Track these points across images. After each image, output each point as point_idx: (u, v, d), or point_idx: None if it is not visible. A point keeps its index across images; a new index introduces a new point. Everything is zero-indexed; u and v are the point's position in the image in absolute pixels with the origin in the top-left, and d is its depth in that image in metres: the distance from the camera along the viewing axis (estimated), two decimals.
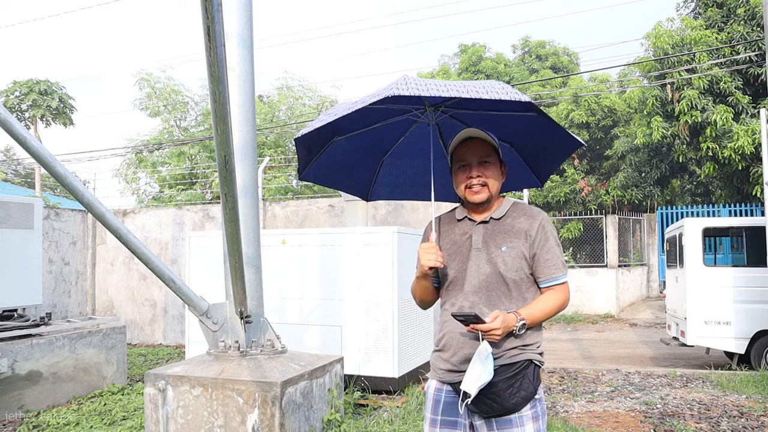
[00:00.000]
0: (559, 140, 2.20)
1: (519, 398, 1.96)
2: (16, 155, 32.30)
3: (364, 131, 2.33)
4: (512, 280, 2.03)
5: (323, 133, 2.18)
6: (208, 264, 6.18)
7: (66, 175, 3.25)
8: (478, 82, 1.93)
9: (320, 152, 2.37)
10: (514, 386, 1.96)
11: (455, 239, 2.15)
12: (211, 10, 2.10)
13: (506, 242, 2.06)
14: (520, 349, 2.00)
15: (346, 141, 2.36)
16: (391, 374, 5.50)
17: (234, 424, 3.62)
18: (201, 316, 3.93)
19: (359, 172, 2.56)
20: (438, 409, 2.10)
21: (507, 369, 1.97)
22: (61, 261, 9.92)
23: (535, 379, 2.01)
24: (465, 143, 2.11)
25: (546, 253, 2.05)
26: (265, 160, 10.95)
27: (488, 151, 2.11)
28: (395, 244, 5.58)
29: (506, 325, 1.91)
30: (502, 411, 1.95)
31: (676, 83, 13.90)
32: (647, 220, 16.57)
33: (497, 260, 2.04)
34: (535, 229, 2.06)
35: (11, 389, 5.20)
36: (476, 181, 2.09)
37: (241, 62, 4.13)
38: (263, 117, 18.46)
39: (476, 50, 23.08)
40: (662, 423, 4.74)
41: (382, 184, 2.60)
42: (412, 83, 1.87)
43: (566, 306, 2.09)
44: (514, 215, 2.11)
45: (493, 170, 2.11)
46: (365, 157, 2.50)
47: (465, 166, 2.12)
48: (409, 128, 2.40)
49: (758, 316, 7.14)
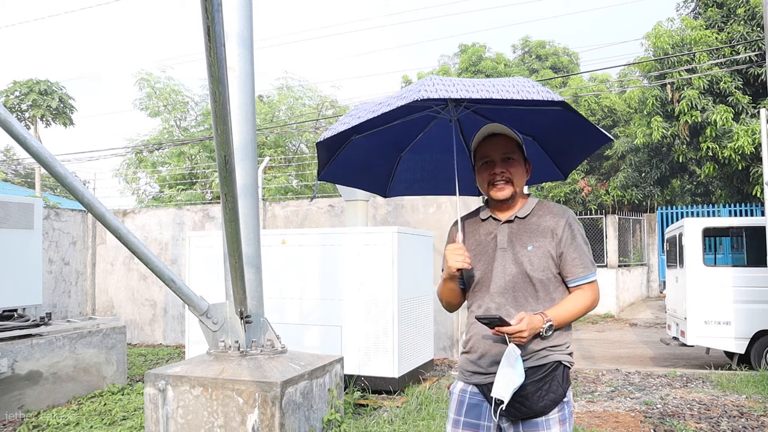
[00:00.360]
0: (586, 135, 2.14)
1: (548, 401, 1.91)
2: (16, 155, 32.32)
3: (383, 129, 2.29)
4: (539, 280, 1.99)
5: (343, 133, 2.15)
6: (208, 264, 6.18)
7: (66, 175, 3.25)
8: (506, 80, 1.88)
9: (338, 152, 2.34)
10: (543, 389, 1.92)
11: (480, 239, 2.11)
12: (211, 10, 2.10)
13: (532, 241, 2.01)
14: (548, 350, 1.96)
15: (364, 139, 2.33)
16: (391, 374, 5.50)
17: (234, 424, 3.62)
18: (201, 316, 3.93)
19: (377, 169, 2.52)
20: (462, 410, 2.06)
21: (535, 371, 1.92)
22: (61, 261, 9.92)
23: (565, 381, 1.96)
24: (488, 139, 2.07)
25: (573, 252, 2.00)
26: (265, 160, 10.96)
27: (512, 147, 2.06)
28: (395, 244, 5.58)
29: (532, 327, 1.88)
30: (530, 414, 1.91)
31: (676, 83, 13.90)
32: (647, 220, 16.58)
33: (523, 260, 2.00)
34: (562, 227, 2.01)
35: (11, 389, 5.20)
36: (500, 178, 2.04)
37: (241, 62, 4.13)
38: (263, 117, 18.47)
39: (476, 50, 23.09)
40: (662, 423, 4.74)
41: (400, 181, 2.57)
42: (439, 85, 1.83)
43: (596, 305, 2.04)
44: (539, 213, 2.06)
45: (517, 167, 2.07)
46: (383, 154, 2.47)
47: (488, 162, 2.07)
48: (429, 124, 2.36)
49: (758, 316, 7.14)
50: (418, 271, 6.14)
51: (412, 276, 5.96)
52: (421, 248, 6.28)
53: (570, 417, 1.99)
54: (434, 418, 4.68)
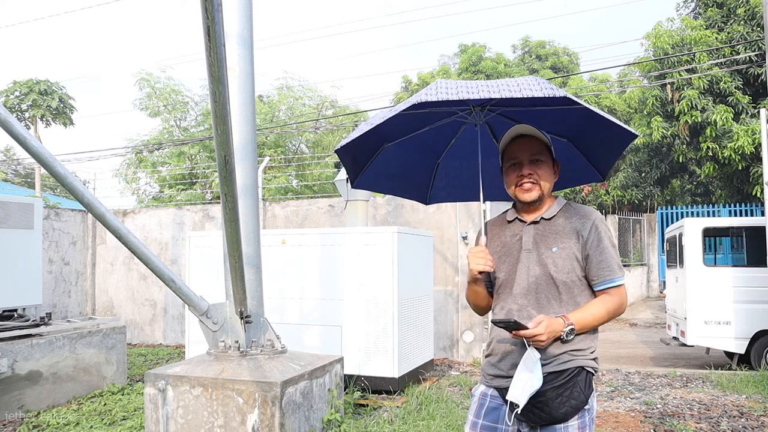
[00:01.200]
0: (611, 132, 2.10)
1: (569, 408, 1.86)
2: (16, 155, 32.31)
3: (414, 135, 2.29)
4: (563, 282, 1.95)
5: (368, 141, 2.14)
6: (208, 264, 6.18)
7: (66, 175, 3.25)
8: (512, 80, 1.87)
9: (371, 160, 2.34)
10: (564, 395, 1.86)
11: (505, 241, 2.09)
12: (211, 10, 2.10)
13: (557, 243, 1.98)
14: (570, 354, 1.90)
15: (396, 147, 2.33)
16: (391, 374, 5.50)
17: (234, 424, 3.62)
18: (201, 316, 3.93)
19: (415, 176, 2.52)
20: (481, 412, 2.04)
21: (556, 377, 1.87)
22: (61, 261, 9.92)
23: (587, 388, 1.90)
24: (516, 141, 2.05)
25: (600, 254, 1.95)
26: (265, 160, 10.95)
27: (540, 148, 2.04)
28: (395, 244, 5.58)
29: (551, 330, 1.83)
30: (550, 420, 1.87)
31: (676, 83, 13.90)
32: (647, 220, 16.58)
33: (547, 261, 1.96)
34: (588, 229, 1.97)
35: (11, 389, 5.20)
36: (527, 180, 2.01)
37: (241, 62, 4.13)
38: (263, 117, 18.47)
39: (476, 50, 23.07)
40: (662, 423, 4.74)
41: (439, 188, 2.56)
42: (442, 89, 1.83)
43: (623, 310, 1.98)
44: (566, 215, 2.03)
45: (545, 169, 2.04)
46: (419, 162, 2.47)
47: (516, 164, 2.05)
48: (459, 129, 2.36)
49: (758, 316, 7.14)
50: (418, 271, 6.14)
51: (412, 276, 5.96)
52: (421, 248, 6.28)
53: (591, 424, 1.93)
54: (434, 418, 4.68)
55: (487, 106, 2.15)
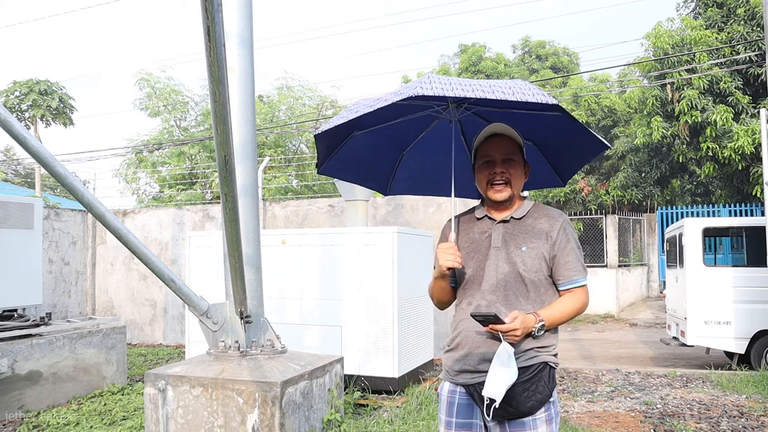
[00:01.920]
0: (584, 142, 2.16)
1: (534, 401, 1.93)
2: (16, 155, 32.31)
3: (385, 126, 2.30)
4: (531, 280, 2.01)
5: (343, 128, 2.16)
6: (208, 264, 6.18)
7: (66, 175, 3.25)
8: (503, 82, 1.90)
9: (339, 147, 2.35)
10: (530, 389, 1.93)
11: (474, 237, 2.13)
12: (211, 10, 2.10)
13: (526, 242, 2.03)
14: (536, 350, 1.97)
15: (365, 136, 2.34)
16: (391, 374, 5.50)
17: (234, 424, 3.62)
18: (201, 316, 3.93)
19: (378, 166, 2.54)
20: (452, 411, 2.06)
21: (523, 372, 1.93)
22: (61, 261, 9.92)
23: (551, 382, 1.98)
24: (490, 139, 2.09)
25: (566, 256, 2.03)
26: (265, 160, 10.95)
27: (513, 148, 2.09)
28: (395, 244, 5.58)
29: (525, 326, 1.89)
30: (517, 414, 1.93)
31: (676, 83, 13.90)
32: (647, 220, 16.58)
33: (516, 260, 2.01)
34: (557, 231, 2.04)
35: (11, 389, 5.20)
36: (500, 178, 2.06)
37: (241, 62, 4.13)
38: (263, 117, 18.47)
39: (476, 50, 23.07)
40: (662, 423, 4.74)
41: (400, 179, 2.58)
42: (436, 82, 1.85)
43: (585, 309, 2.06)
44: (535, 216, 2.09)
45: (516, 168, 2.09)
46: (385, 152, 2.49)
47: (489, 162, 2.09)
48: (431, 124, 2.38)
49: (758, 316, 7.14)
50: (418, 271, 6.14)
51: (412, 276, 5.96)
52: (421, 248, 6.28)
53: (556, 417, 2.01)
54: (434, 418, 4.68)
55: (464, 104, 2.17)
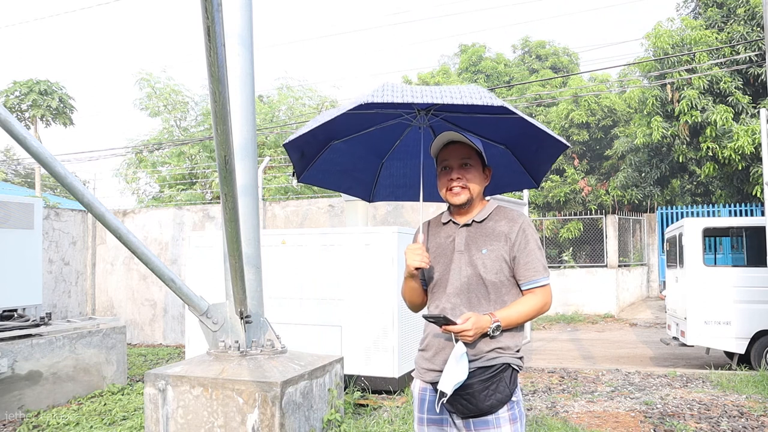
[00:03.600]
0: (545, 142, 2.23)
1: (494, 400, 1.98)
2: (16, 155, 32.31)
3: (361, 134, 2.38)
4: (491, 282, 2.06)
5: (317, 137, 2.24)
6: (208, 264, 6.18)
7: (66, 175, 3.25)
8: (454, 87, 1.96)
9: (317, 156, 2.42)
10: (490, 389, 1.98)
11: (440, 242, 2.20)
12: (211, 10, 2.10)
13: (487, 245, 2.09)
14: (497, 352, 2.02)
15: (344, 144, 2.42)
16: (391, 374, 5.50)
17: (234, 424, 3.62)
18: (201, 316, 3.93)
19: (360, 174, 2.61)
20: (423, 407, 2.14)
21: (483, 371, 1.99)
22: (61, 261, 9.92)
23: (512, 383, 2.03)
24: (447, 147, 2.15)
25: (526, 256, 2.08)
26: (265, 160, 10.96)
27: (469, 153, 2.14)
28: (395, 244, 5.58)
29: (478, 326, 1.95)
30: (477, 412, 1.98)
31: (676, 83, 13.91)
32: (647, 220, 16.58)
33: (477, 263, 2.07)
34: (516, 232, 2.09)
35: (11, 389, 5.20)
36: (456, 183, 2.12)
37: (241, 62, 4.13)
38: (263, 117, 18.47)
39: (476, 50, 23.08)
40: (662, 423, 4.74)
41: (383, 186, 2.66)
42: (388, 91, 1.91)
43: (547, 309, 2.11)
44: (496, 218, 2.15)
45: (474, 173, 2.14)
46: (365, 160, 2.56)
47: (446, 168, 2.16)
48: (404, 131, 2.45)
49: (758, 316, 7.14)
50: None
51: None
52: None
53: (521, 418, 2.06)
54: None
55: (431, 110, 2.25)
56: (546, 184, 18.60)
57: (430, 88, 1.98)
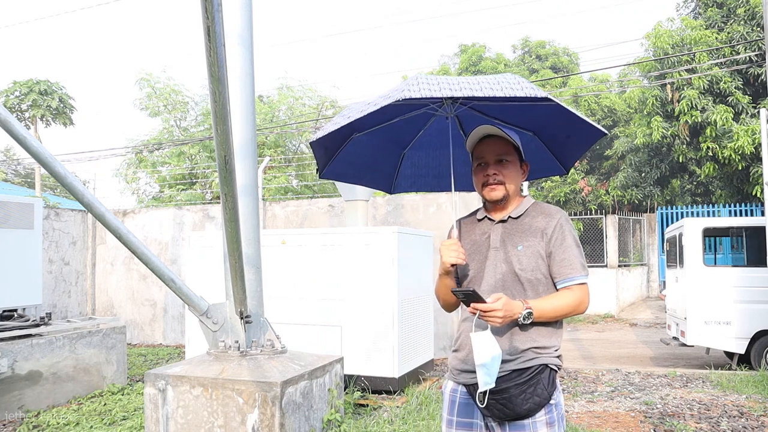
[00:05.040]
0: (581, 129, 2.18)
1: (532, 404, 1.90)
2: (16, 155, 32.31)
3: (383, 126, 2.33)
4: (527, 279, 1.99)
5: (340, 131, 2.17)
6: (208, 264, 6.18)
7: (66, 175, 3.24)
8: (492, 77, 1.90)
9: (339, 150, 2.38)
10: (527, 392, 1.90)
11: (475, 239, 2.13)
12: (211, 10, 2.10)
13: (522, 241, 2.02)
14: (534, 352, 1.94)
15: (365, 137, 2.37)
16: (391, 374, 5.50)
17: (234, 424, 3.62)
18: (201, 316, 3.93)
19: (381, 166, 2.57)
20: (453, 410, 2.07)
21: (520, 374, 1.91)
22: (61, 261, 9.92)
23: (550, 385, 1.94)
24: (483, 141, 2.09)
25: (563, 252, 2.00)
26: (265, 160, 10.95)
27: (506, 149, 2.07)
28: (395, 244, 5.58)
29: (509, 309, 1.85)
30: (514, 416, 1.91)
31: (676, 83, 13.91)
32: (647, 220, 16.58)
33: (513, 259, 2.01)
34: (552, 228, 2.02)
35: (11, 389, 5.20)
36: (492, 180, 2.06)
37: (241, 62, 4.13)
38: (263, 117, 18.47)
39: (476, 50, 23.06)
40: (662, 423, 4.74)
41: (404, 177, 2.62)
42: (423, 84, 1.85)
43: (584, 308, 2.00)
44: (532, 214, 2.08)
45: (511, 168, 2.08)
46: (386, 151, 2.52)
47: (482, 164, 2.10)
48: (429, 121, 2.40)
49: (758, 316, 7.14)
50: (418, 271, 6.14)
51: (412, 276, 5.96)
52: (421, 248, 6.28)
53: (560, 420, 1.96)
54: (434, 418, 4.68)
55: (459, 99, 2.18)
56: (546, 183, 18.60)
57: (466, 79, 1.91)
